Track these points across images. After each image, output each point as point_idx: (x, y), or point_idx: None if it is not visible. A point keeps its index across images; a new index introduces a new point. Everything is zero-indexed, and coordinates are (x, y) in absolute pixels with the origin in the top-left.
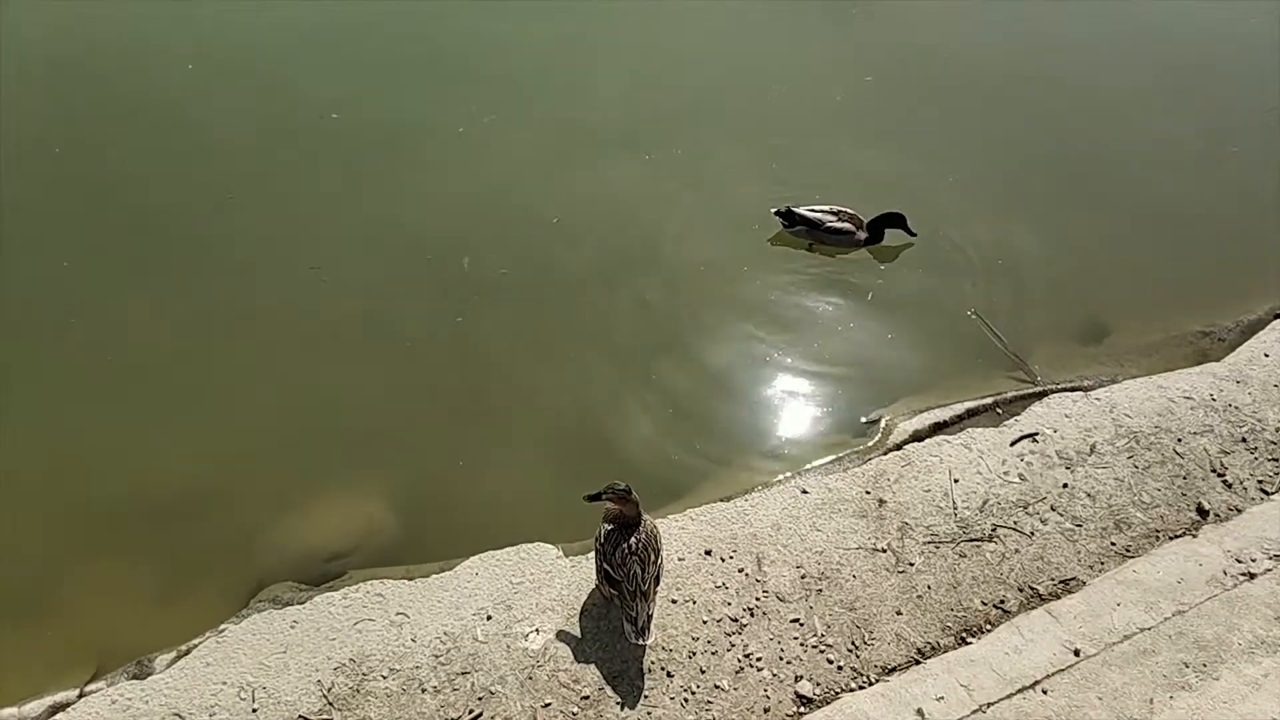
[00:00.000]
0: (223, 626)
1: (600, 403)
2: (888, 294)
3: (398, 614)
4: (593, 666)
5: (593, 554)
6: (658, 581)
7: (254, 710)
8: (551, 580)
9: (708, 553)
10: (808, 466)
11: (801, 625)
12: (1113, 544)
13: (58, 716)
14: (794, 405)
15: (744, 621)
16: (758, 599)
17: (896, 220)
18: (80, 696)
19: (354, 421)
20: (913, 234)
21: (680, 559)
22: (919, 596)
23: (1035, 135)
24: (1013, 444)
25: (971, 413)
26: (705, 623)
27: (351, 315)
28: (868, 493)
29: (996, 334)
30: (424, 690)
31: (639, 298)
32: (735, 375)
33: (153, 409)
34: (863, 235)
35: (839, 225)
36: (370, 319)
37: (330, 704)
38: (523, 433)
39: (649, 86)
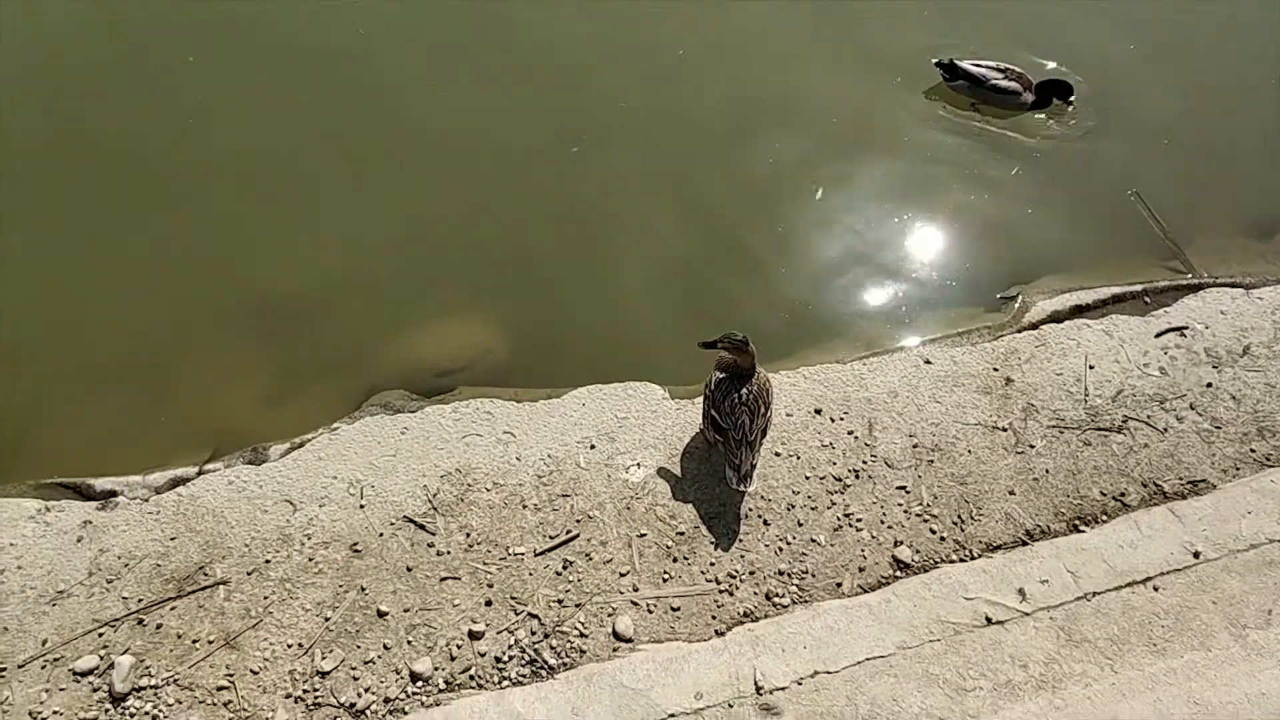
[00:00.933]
0: (336, 425)
1: (721, 249)
2: (1044, 164)
3: (505, 433)
4: (690, 506)
5: (700, 399)
6: (764, 434)
7: (361, 506)
8: (656, 419)
9: (818, 411)
10: (933, 337)
11: (907, 493)
12: (1252, 450)
13: (179, 488)
14: (926, 272)
15: (848, 482)
16: (864, 462)
17: (1064, 90)
18: (199, 474)
19: (474, 245)
20: (1070, 103)
21: (789, 415)
22: (1035, 479)
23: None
24: (1158, 335)
25: (1117, 298)
26: (808, 479)
27: (474, 137)
28: (995, 370)
29: (1156, 217)
30: (525, 506)
31: (769, 143)
32: (867, 233)
33: (288, 215)
34: (1029, 98)
35: (1004, 84)
36: (492, 143)
37: (434, 508)
38: (639, 271)
39: None
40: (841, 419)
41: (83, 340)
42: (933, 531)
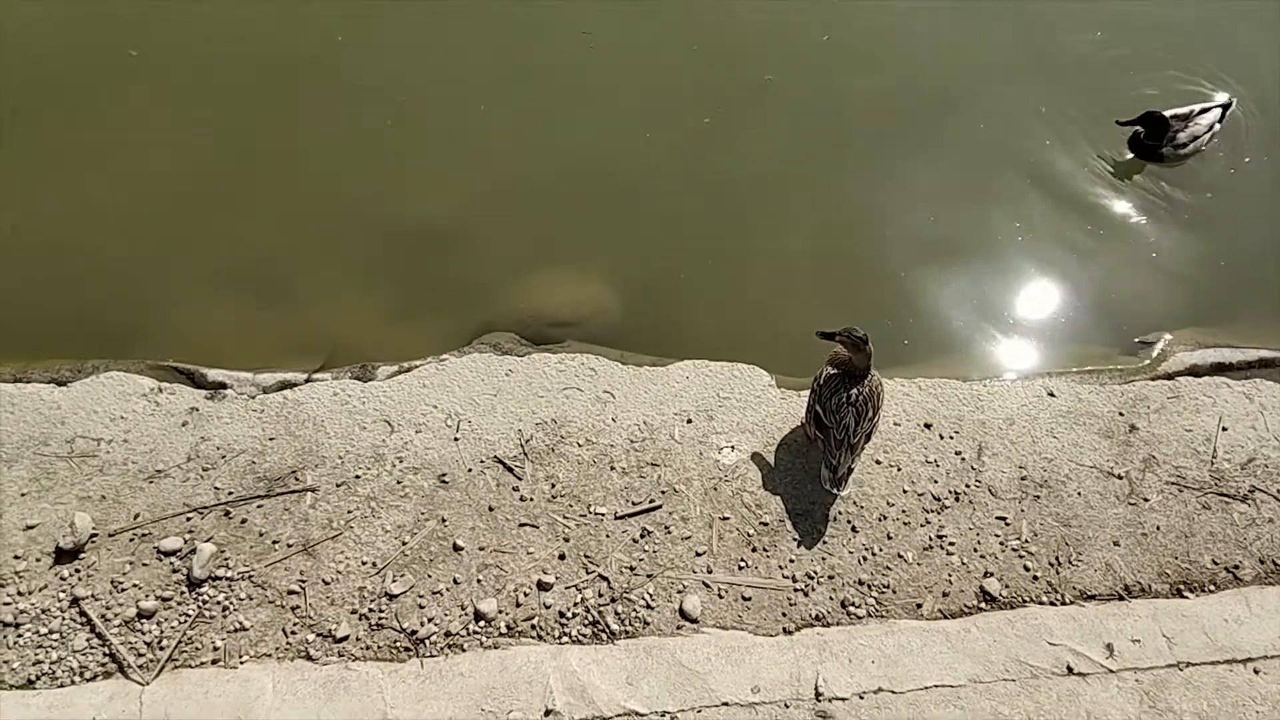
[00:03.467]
0: (445, 356)
1: (855, 241)
2: (1214, 208)
3: (604, 391)
4: (778, 498)
5: (807, 392)
6: (868, 439)
7: (455, 439)
8: (759, 404)
9: (927, 426)
10: (1061, 370)
11: (1007, 525)
12: None
13: (285, 391)
14: (1067, 304)
15: (946, 503)
16: (968, 486)
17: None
18: (307, 380)
19: (604, 203)
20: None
21: (896, 424)
22: (1144, 534)
23: None
24: None
25: (1265, 363)
26: (905, 492)
27: (614, 91)
28: (1121, 414)
29: None
30: (613, 468)
31: (920, 135)
32: (1010, 252)
33: (430, 144)
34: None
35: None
36: (637, 106)
37: (525, 454)
38: (765, 252)
39: None
40: (951, 438)
41: (217, 237)
42: (1026, 569)
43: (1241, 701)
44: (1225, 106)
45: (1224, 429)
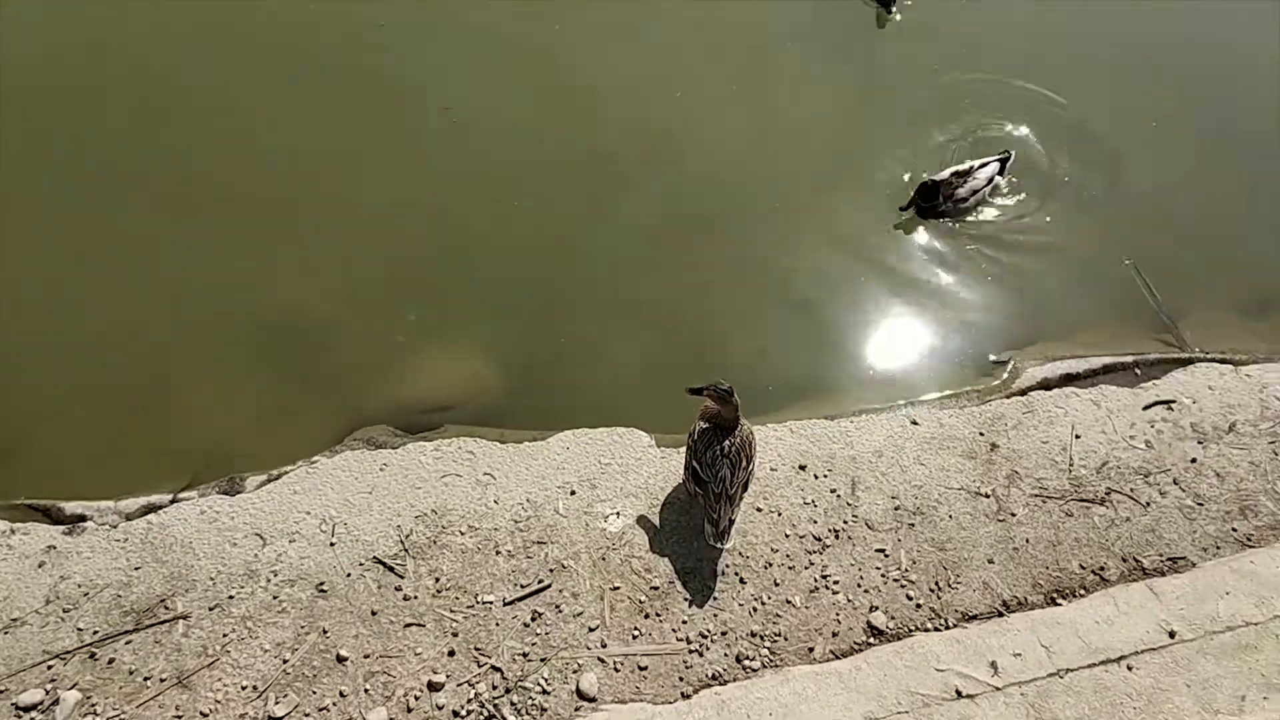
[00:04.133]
0: (316, 458)
1: (717, 301)
2: (1044, 231)
3: (485, 474)
4: (667, 559)
5: (684, 449)
6: (745, 488)
7: (332, 544)
8: (640, 467)
9: (802, 468)
10: (922, 398)
11: (886, 556)
12: (1234, 529)
13: (150, 516)
14: (919, 333)
15: (827, 542)
16: (845, 522)
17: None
18: (173, 501)
19: (474, 282)
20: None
21: (772, 469)
22: (1015, 549)
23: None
24: (1146, 408)
25: (1108, 369)
26: (787, 536)
27: (480, 169)
28: (981, 434)
29: (1151, 289)
30: (499, 552)
31: (774, 192)
32: (862, 292)
33: (279, 239)
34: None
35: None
36: (500, 178)
37: (406, 550)
38: (635, 318)
39: None
40: (825, 476)
41: (68, 357)
42: (909, 598)
43: (1118, 701)
44: (1004, 160)
45: (1077, 436)
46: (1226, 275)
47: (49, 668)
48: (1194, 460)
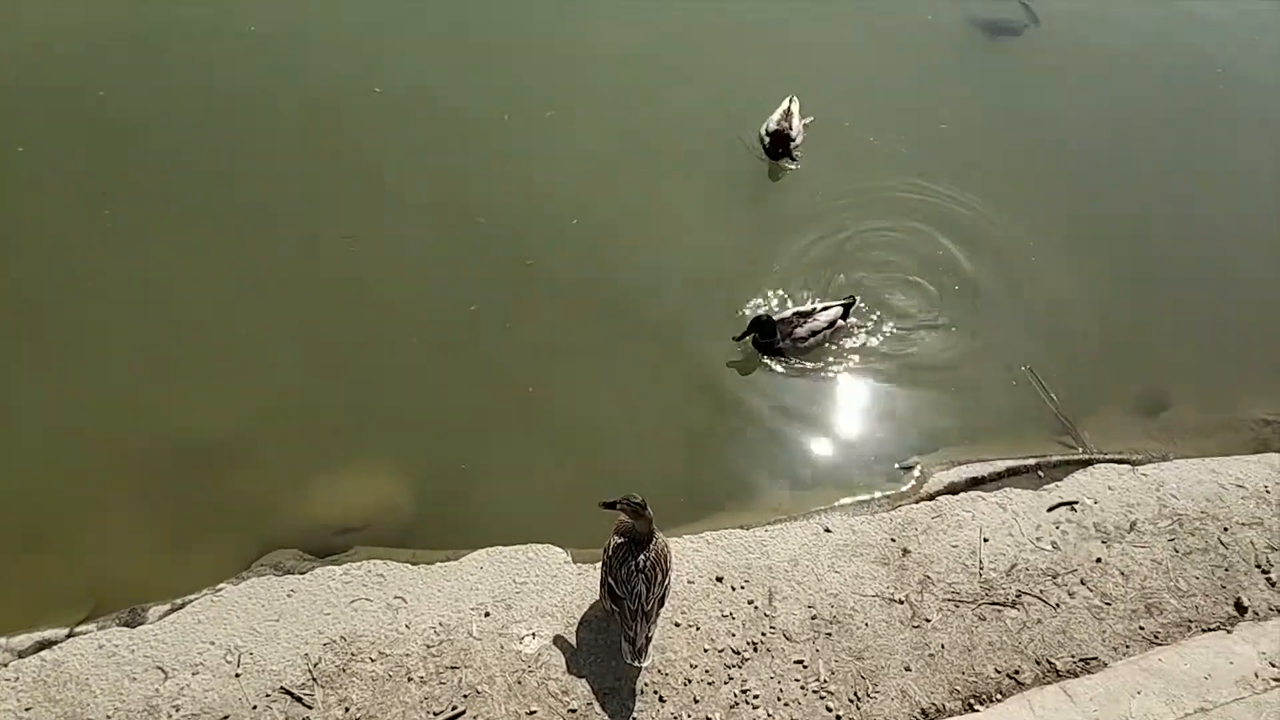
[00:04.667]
0: (221, 586)
1: (629, 415)
2: (941, 341)
3: (396, 597)
4: (584, 680)
5: (600, 565)
6: (662, 603)
7: (237, 675)
8: (556, 584)
9: (719, 579)
10: (834, 505)
11: (805, 668)
12: (1141, 628)
13: (44, 652)
14: (827, 442)
15: (746, 655)
16: (764, 634)
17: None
18: (69, 636)
19: (380, 399)
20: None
21: (690, 582)
22: (931, 655)
23: (1113, 188)
24: (1050, 510)
25: (1012, 471)
26: (706, 651)
27: (384, 290)
28: (893, 540)
29: (1049, 393)
30: (410, 679)
31: (684, 308)
32: (769, 401)
33: (182, 363)
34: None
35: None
36: (401, 297)
37: (314, 679)
38: (548, 433)
39: None
40: (743, 587)
41: None
42: (829, 709)
43: None
44: (847, 305)
45: (985, 540)
46: (1121, 378)
47: None
48: (1099, 560)
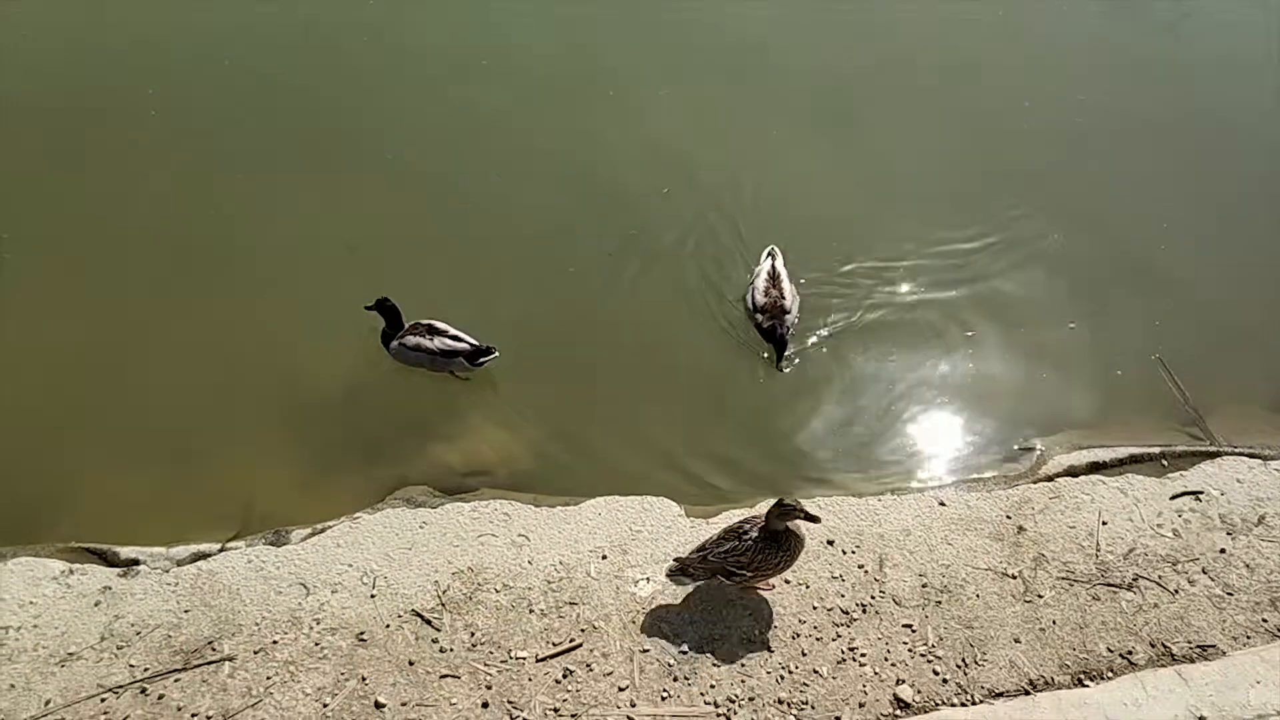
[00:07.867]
0: (358, 514)
1: (748, 374)
2: (1068, 326)
3: (519, 535)
4: (695, 626)
5: (715, 521)
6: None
7: (372, 595)
8: (670, 535)
9: (830, 543)
10: (950, 480)
11: (913, 632)
12: (1264, 620)
13: (199, 563)
14: (950, 418)
15: (855, 616)
16: (873, 597)
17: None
18: (221, 550)
19: (514, 347)
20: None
21: None
22: (1041, 629)
23: (1257, 179)
24: (1173, 498)
25: (1135, 458)
26: (815, 609)
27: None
28: (1008, 517)
29: (1179, 384)
30: (532, 611)
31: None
32: (892, 374)
33: (337, 303)
34: None
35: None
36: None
37: (443, 605)
38: (670, 391)
39: None
40: (854, 552)
41: (125, 412)
42: (935, 673)
43: None
44: (771, 253)
45: (1104, 523)
46: (1256, 372)
47: (102, 700)
48: (1223, 550)
